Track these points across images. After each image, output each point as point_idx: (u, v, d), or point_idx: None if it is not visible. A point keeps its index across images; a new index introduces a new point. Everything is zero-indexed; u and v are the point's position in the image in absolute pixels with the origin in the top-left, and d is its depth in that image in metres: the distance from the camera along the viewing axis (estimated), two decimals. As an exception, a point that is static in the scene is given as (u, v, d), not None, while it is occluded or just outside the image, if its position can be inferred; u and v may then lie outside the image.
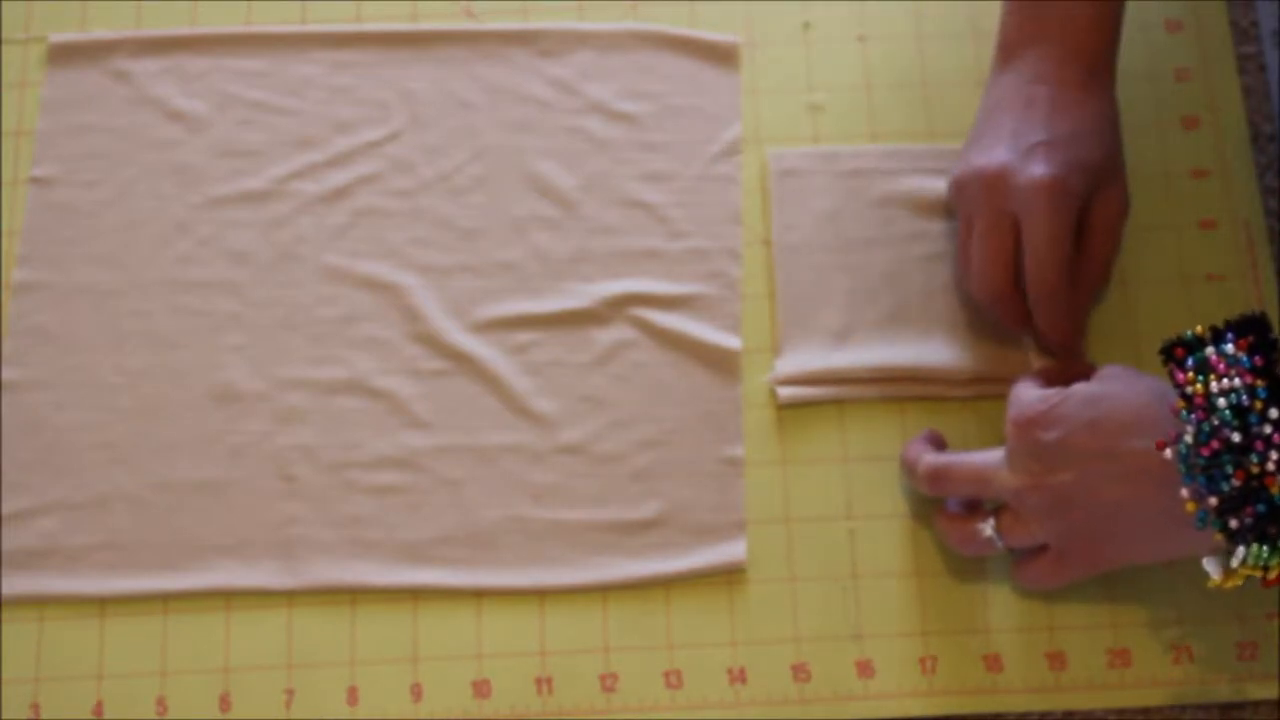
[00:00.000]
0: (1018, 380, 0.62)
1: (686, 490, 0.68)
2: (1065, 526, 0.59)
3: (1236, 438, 0.53)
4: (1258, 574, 0.53)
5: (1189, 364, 0.55)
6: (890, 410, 0.69)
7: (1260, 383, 0.53)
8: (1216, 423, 0.53)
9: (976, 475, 0.61)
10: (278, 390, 0.69)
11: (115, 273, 0.71)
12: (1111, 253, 0.67)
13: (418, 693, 0.65)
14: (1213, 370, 0.54)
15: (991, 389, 0.68)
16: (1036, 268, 0.63)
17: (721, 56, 0.75)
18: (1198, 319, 0.69)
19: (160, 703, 0.65)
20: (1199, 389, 0.54)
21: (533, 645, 0.65)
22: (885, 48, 0.76)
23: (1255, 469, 0.52)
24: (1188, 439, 0.54)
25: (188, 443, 0.68)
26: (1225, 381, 0.53)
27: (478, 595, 0.66)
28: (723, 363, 0.70)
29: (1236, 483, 0.53)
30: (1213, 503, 0.53)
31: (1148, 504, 0.56)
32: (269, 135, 0.74)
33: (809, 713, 0.64)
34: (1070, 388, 0.59)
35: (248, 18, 0.76)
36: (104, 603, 0.66)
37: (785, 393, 0.69)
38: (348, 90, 0.75)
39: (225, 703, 0.65)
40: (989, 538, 0.61)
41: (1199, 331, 0.55)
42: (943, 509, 0.64)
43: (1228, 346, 0.54)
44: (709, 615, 0.66)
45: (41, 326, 0.70)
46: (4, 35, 0.76)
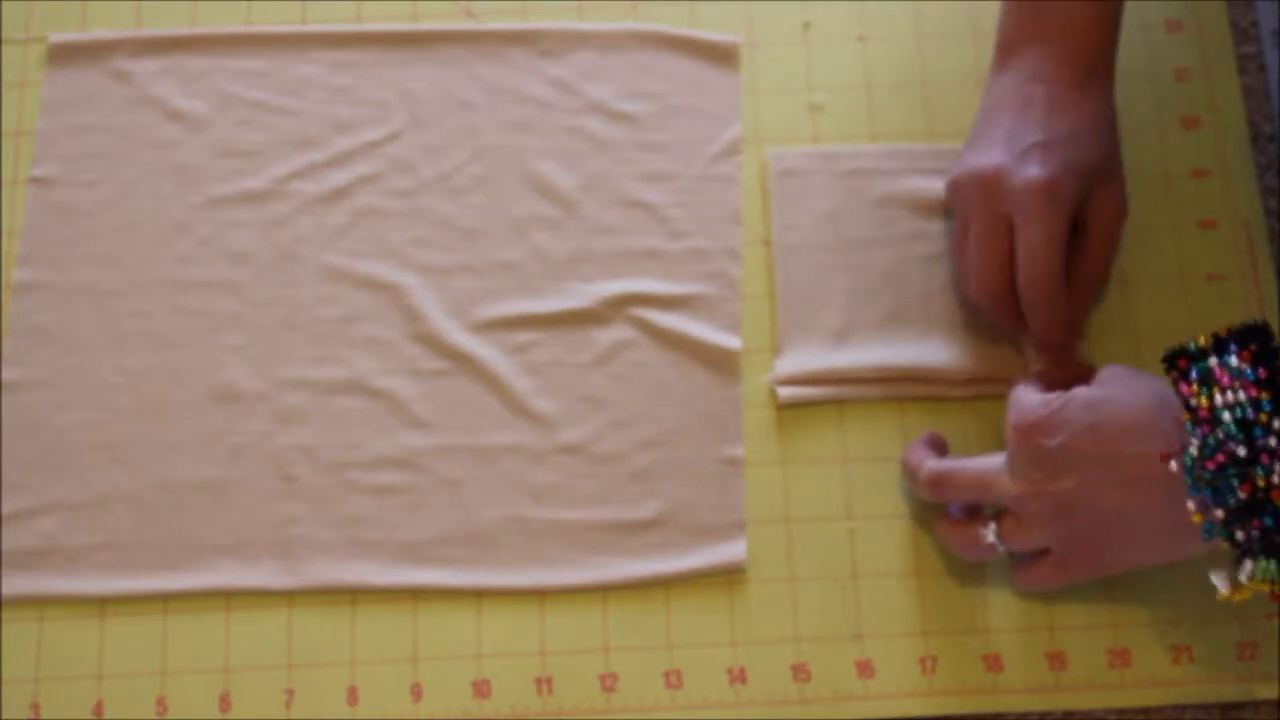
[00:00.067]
0: (1017, 384, 0.62)
1: (686, 490, 0.68)
2: (1067, 531, 0.59)
3: (1241, 451, 0.52)
4: (1265, 588, 0.53)
5: (1192, 376, 0.54)
6: (890, 410, 0.69)
7: (1265, 395, 0.53)
8: (1221, 436, 0.53)
9: (977, 481, 0.61)
10: (278, 390, 0.69)
11: (115, 273, 0.71)
12: (1110, 253, 0.67)
13: (418, 693, 0.65)
14: (1217, 383, 0.53)
15: (991, 389, 0.68)
16: (1031, 269, 0.63)
17: (721, 56, 0.75)
18: (1198, 319, 0.70)
19: (160, 703, 0.65)
20: (1203, 402, 0.53)
21: (533, 645, 0.65)
22: (885, 48, 0.76)
23: (1261, 482, 0.52)
24: (1193, 451, 0.53)
25: (188, 443, 0.68)
26: (1229, 395, 0.53)
27: (478, 595, 0.66)
28: (723, 363, 0.70)
29: (1243, 495, 0.52)
30: (1219, 515, 0.53)
31: (1150, 510, 0.56)
32: (269, 135, 0.74)
33: (809, 713, 0.64)
34: (1070, 392, 0.58)
35: (248, 18, 0.76)
36: (104, 603, 0.66)
37: (785, 393, 0.69)
38: (348, 90, 0.75)
39: (225, 703, 0.65)
40: (991, 544, 0.61)
41: (1201, 343, 0.55)
42: (944, 514, 0.64)
43: (1231, 359, 0.54)
44: (709, 615, 0.66)
45: (41, 326, 0.70)
46: (4, 35, 0.76)
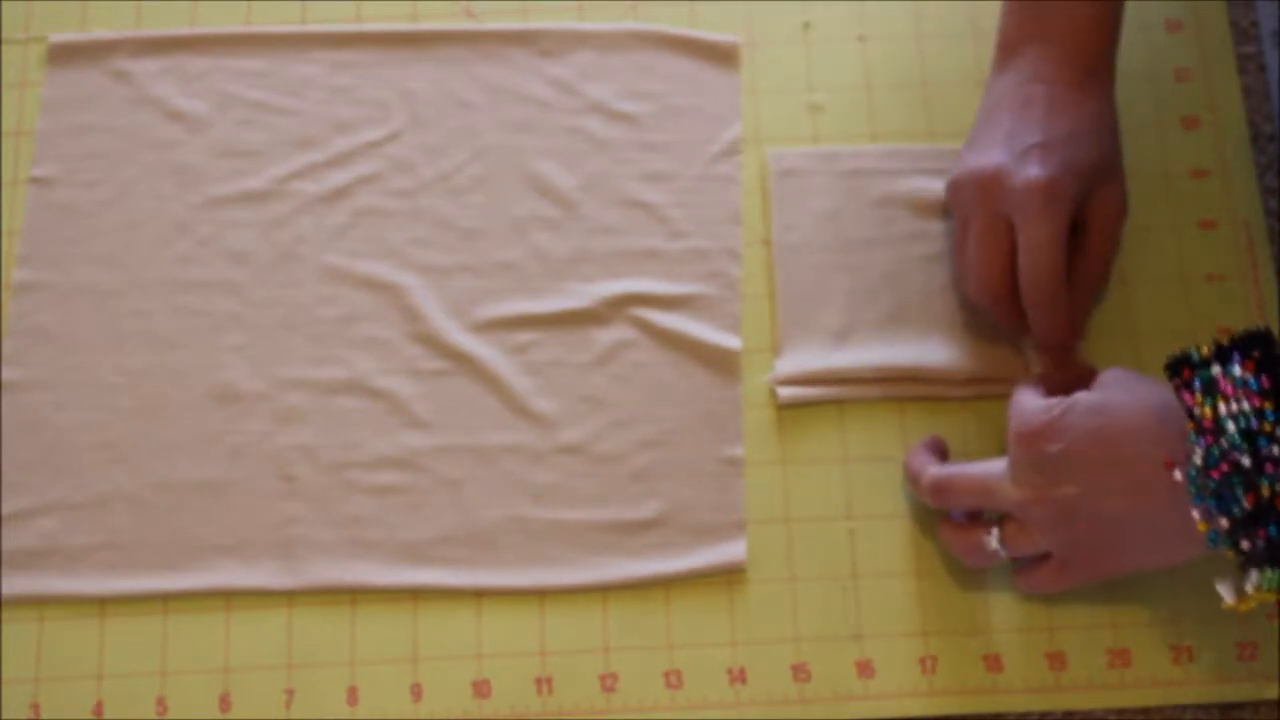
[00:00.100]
0: (1018, 388, 0.62)
1: (686, 490, 0.68)
2: (1069, 536, 0.59)
3: (1246, 461, 0.52)
4: (1271, 597, 0.53)
5: (1196, 385, 0.54)
6: (890, 410, 0.69)
7: (1269, 405, 0.53)
8: (1226, 445, 0.52)
9: (980, 487, 0.61)
10: (278, 390, 0.69)
11: (115, 273, 0.71)
12: (1110, 252, 0.67)
13: (418, 693, 0.65)
14: (1220, 393, 0.53)
15: (991, 389, 0.68)
16: (1031, 270, 0.63)
17: (721, 56, 0.75)
18: (1198, 319, 0.70)
19: (160, 703, 0.65)
20: (1207, 412, 0.53)
21: (533, 645, 0.65)
22: (885, 48, 0.76)
23: (1266, 491, 0.52)
24: (1197, 460, 0.53)
25: (188, 443, 0.68)
26: (1234, 405, 0.53)
27: (478, 595, 0.66)
28: (723, 363, 0.70)
29: (1247, 505, 0.52)
30: (1224, 524, 0.53)
31: (1154, 516, 0.56)
32: (269, 135, 0.74)
33: (809, 713, 0.64)
34: (1072, 397, 0.58)
35: (248, 18, 0.76)
36: (104, 603, 0.66)
37: (785, 393, 0.69)
38: (348, 90, 0.75)
39: (225, 703, 0.65)
40: (994, 550, 0.61)
41: (1204, 352, 0.54)
42: (947, 519, 0.64)
43: (1235, 368, 0.53)
44: (709, 615, 0.66)
45: (41, 326, 0.70)
46: (4, 35, 0.76)
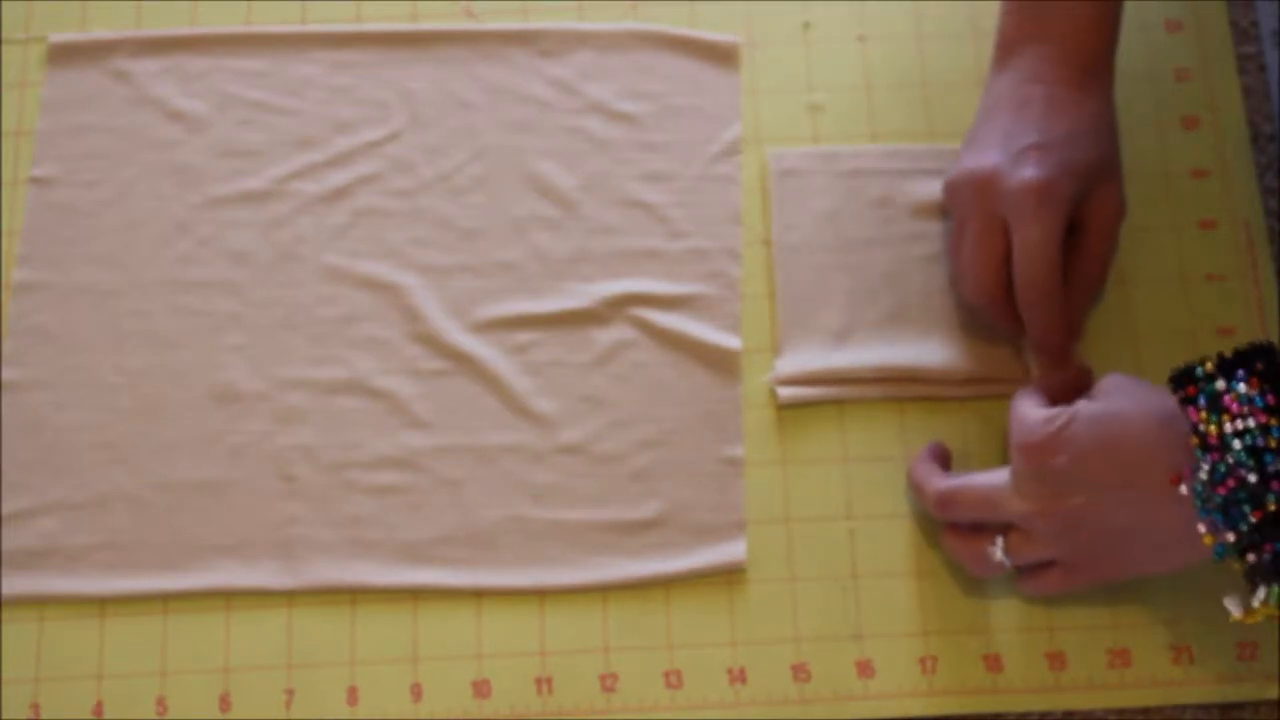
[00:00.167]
0: (1017, 396, 0.62)
1: (686, 490, 0.68)
2: (1074, 545, 0.59)
3: (1252, 478, 0.52)
4: (1277, 611, 0.53)
5: (1201, 402, 0.54)
6: (890, 410, 0.69)
7: (1274, 421, 0.53)
8: (1231, 462, 0.52)
9: (984, 500, 0.61)
10: (278, 390, 0.69)
11: (115, 273, 0.71)
12: (1108, 253, 0.66)
13: (418, 693, 0.65)
14: (1226, 410, 0.53)
15: (992, 389, 0.68)
16: (1026, 271, 0.63)
17: (721, 56, 0.75)
18: (1197, 319, 0.70)
19: (160, 703, 0.65)
20: (1212, 430, 0.53)
21: (533, 645, 0.65)
22: (885, 48, 0.76)
23: (1273, 507, 0.52)
24: (1203, 475, 0.53)
25: (188, 443, 0.68)
26: (1239, 422, 0.53)
27: (478, 595, 0.66)
28: (723, 363, 0.70)
29: (1254, 520, 0.52)
30: (1230, 538, 0.53)
31: (1159, 526, 0.56)
32: (269, 135, 0.74)
33: (809, 713, 0.64)
34: (1074, 407, 0.58)
35: (248, 18, 0.76)
36: (104, 603, 0.66)
37: (785, 393, 0.69)
38: (348, 90, 0.75)
39: (225, 703, 0.65)
40: (1000, 561, 0.61)
41: (1208, 368, 0.54)
42: (951, 527, 0.64)
43: (1239, 385, 0.53)
44: (709, 615, 0.66)
45: (41, 326, 0.70)
46: (4, 35, 0.76)
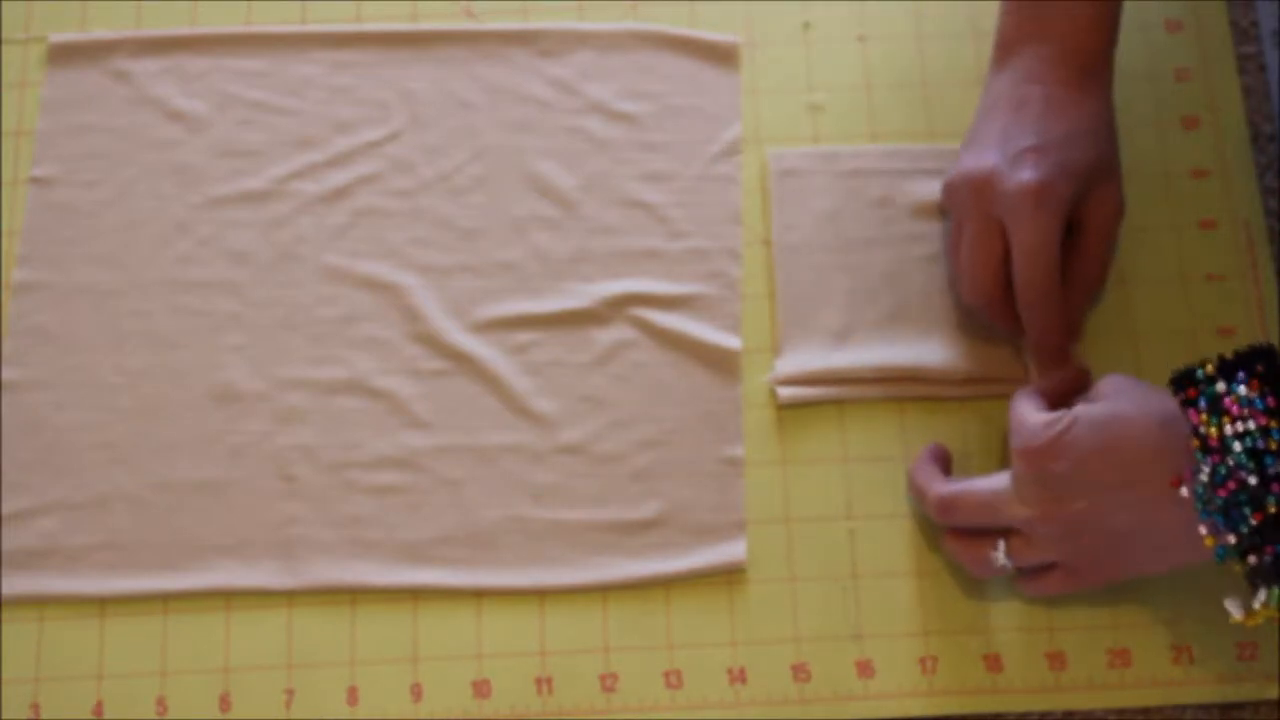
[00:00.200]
0: (1016, 398, 0.62)
1: (686, 490, 0.68)
2: (1076, 548, 0.59)
3: (1253, 480, 0.52)
4: (1277, 615, 0.53)
5: (1201, 405, 0.54)
6: (890, 410, 0.69)
7: (1275, 424, 0.53)
8: (1232, 464, 0.53)
9: (985, 505, 0.61)
10: (278, 390, 0.69)
11: (115, 273, 0.71)
12: (1107, 254, 0.66)
13: (418, 693, 0.65)
14: (1226, 413, 0.53)
15: (991, 389, 0.68)
16: (1024, 272, 0.63)
17: (721, 56, 0.75)
18: (1197, 319, 0.70)
19: (160, 703, 0.65)
20: (1213, 432, 0.53)
21: (533, 645, 0.65)
22: (885, 48, 0.76)
23: (1273, 509, 0.52)
24: (1203, 477, 0.53)
25: (188, 443, 0.68)
26: (1239, 425, 0.53)
27: (478, 595, 0.66)
28: (723, 363, 0.70)
29: (1254, 522, 0.52)
30: (1231, 540, 0.53)
31: (1161, 527, 0.56)
32: (269, 135, 0.74)
33: (809, 713, 0.64)
34: (1074, 411, 0.58)
35: (248, 18, 0.76)
36: (104, 603, 0.66)
37: (785, 393, 0.69)
38: (348, 90, 0.75)
39: (225, 703, 0.65)
40: (1002, 564, 0.61)
41: (1209, 370, 0.54)
42: (951, 530, 0.63)
43: (1240, 388, 0.53)
44: (709, 615, 0.66)
45: (41, 326, 0.70)
46: (4, 35, 0.76)
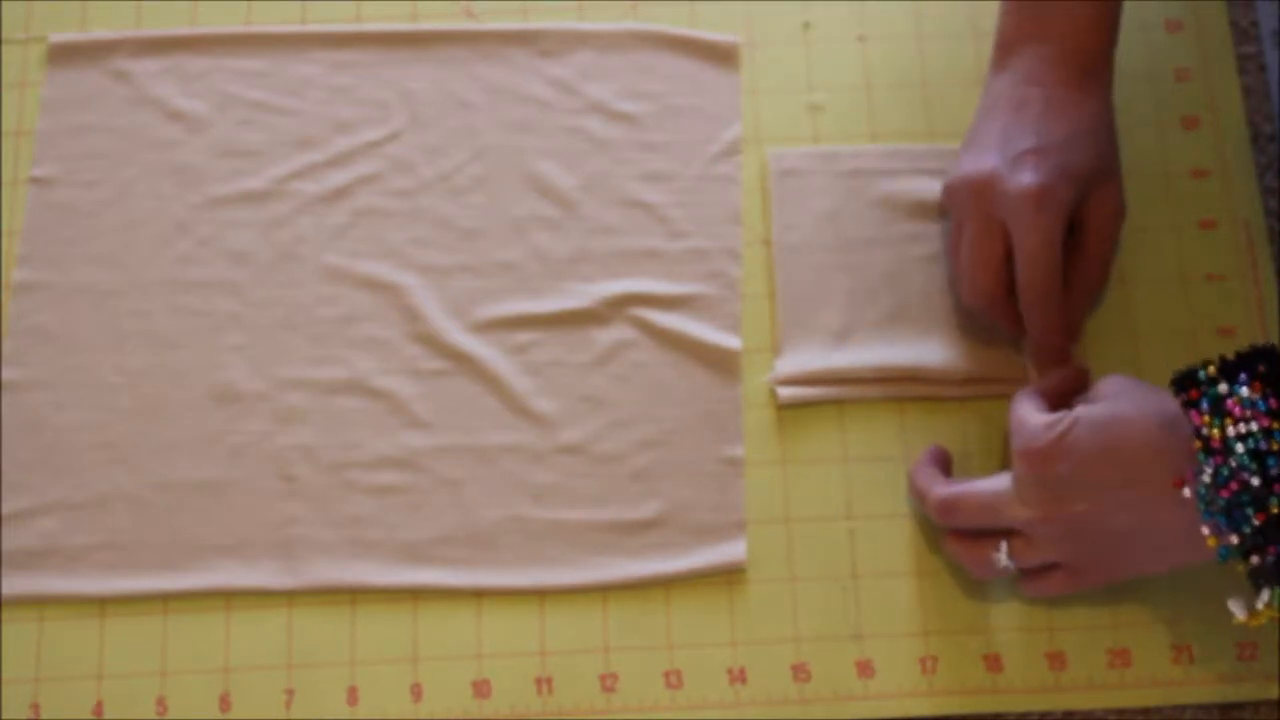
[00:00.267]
0: (1016, 399, 0.62)
1: (686, 490, 0.68)
2: (1078, 549, 0.59)
3: (1255, 481, 0.52)
4: (1279, 615, 0.53)
5: (1203, 406, 0.54)
6: (890, 410, 0.69)
7: (1277, 425, 0.53)
8: (1235, 465, 0.52)
9: (987, 507, 0.60)
10: (278, 390, 0.69)
11: (115, 273, 0.71)
12: (1108, 254, 0.66)
13: (418, 693, 0.65)
14: (1229, 414, 0.53)
15: (991, 389, 0.68)
16: (1026, 274, 0.63)
17: (721, 56, 0.75)
18: (1197, 319, 0.70)
19: (160, 703, 0.65)
20: (1215, 433, 0.53)
21: (533, 645, 0.65)
22: (885, 48, 0.76)
23: (1276, 510, 0.52)
24: (1206, 478, 0.53)
25: (188, 443, 0.68)
26: (1242, 426, 0.53)
27: (478, 595, 0.66)
28: (723, 363, 0.70)
29: (1257, 523, 0.52)
30: (1233, 540, 0.53)
31: (1163, 527, 0.56)
32: (269, 135, 0.74)
33: (809, 713, 0.64)
34: (1074, 412, 0.58)
35: (248, 18, 0.76)
36: (104, 603, 0.66)
37: (785, 393, 0.69)
38: (348, 90, 0.75)
39: (225, 703, 0.65)
40: (1004, 565, 0.61)
41: (1211, 371, 0.54)
42: (953, 531, 0.63)
43: (1242, 389, 0.53)
44: (709, 615, 0.66)
45: (41, 326, 0.70)
46: (4, 35, 0.76)
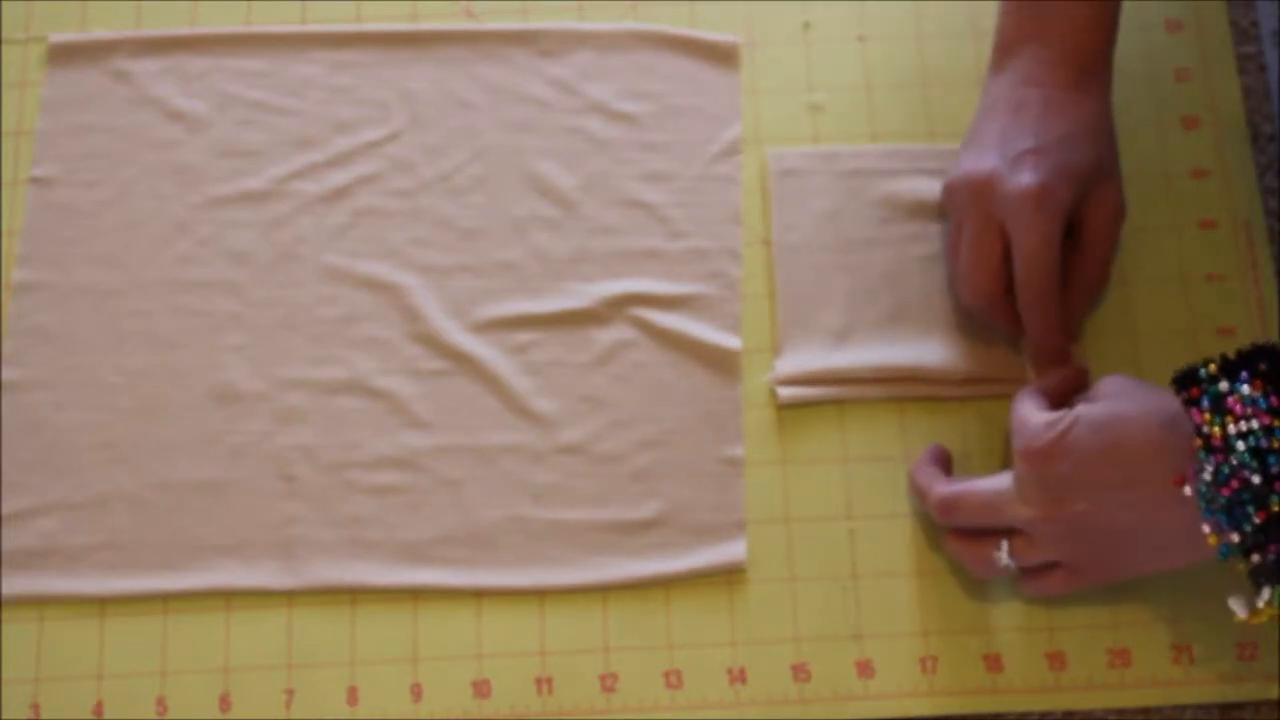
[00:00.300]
0: (1017, 399, 0.62)
1: (686, 490, 0.68)
2: (1079, 548, 0.59)
3: (1256, 479, 0.52)
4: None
5: (1204, 404, 0.54)
6: (890, 410, 0.69)
7: (1278, 423, 0.53)
8: (1235, 463, 0.52)
9: (987, 505, 0.60)
10: (278, 390, 0.69)
11: (115, 273, 0.71)
12: (1108, 254, 0.66)
13: (418, 693, 0.65)
14: (1230, 412, 0.53)
15: (991, 389, 0.68)
16: (1025, 274, 0.63)
17: (721, 56, 0.75)
18: (1197, 319, 0.70)
19: (160, 703, 0.65)
20: (1216, 431, 0.53)
21: (533, 645, 0.65)
22: (885, 48, 0.76)
23: (1276, 508, 0.52)
24: (1207, 476, 0.53)
25: (188, 443, 0.68)
26: (1243, 424, 0.53)
27: (478, 595, 0.66)
28: (723, 363, 0.70)
29: (1258, 521, 0.52)
30: (1234, 538, 0.53)
31: (1163, 526, 0.56)
32: (269, 135, 0.74)
33: (809, 713, 0.64)
34: (1075, 411, 0.57)
35: (248, 18, 0.76)
36: (104, 603, 0.66)
37: (785, 393, 0.69)
38: (348, 90, 0.75)
39: (225, 703, 0.65)
40: (1005, 564, 0.61)
41: (1212, 369, 0.54)
42: (953, 530, 0.63)
43: (1243, 387, 0.53)
44: (709, 615, 0.66)
45: (41, 326, 0.70)
46: (4, 35, 0.76)
